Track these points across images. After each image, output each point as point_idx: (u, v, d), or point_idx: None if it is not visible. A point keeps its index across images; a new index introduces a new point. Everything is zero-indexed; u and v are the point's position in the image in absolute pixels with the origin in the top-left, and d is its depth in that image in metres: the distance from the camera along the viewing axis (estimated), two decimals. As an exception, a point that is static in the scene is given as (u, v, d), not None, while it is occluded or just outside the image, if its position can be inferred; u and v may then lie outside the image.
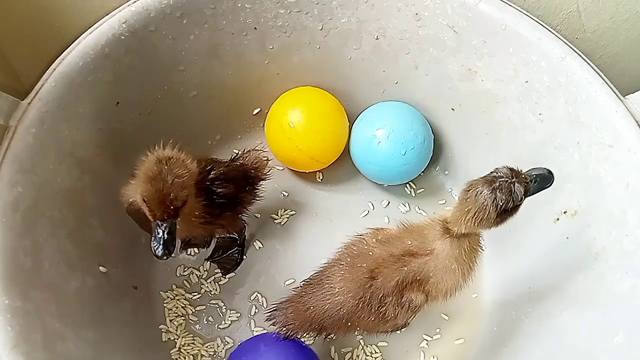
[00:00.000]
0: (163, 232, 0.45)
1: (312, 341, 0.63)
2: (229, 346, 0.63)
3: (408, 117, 0.67)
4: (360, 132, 0.68)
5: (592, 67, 0.54)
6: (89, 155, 0.57)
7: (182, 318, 0.64)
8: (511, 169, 0.46)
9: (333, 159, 0.70)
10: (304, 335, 0.55)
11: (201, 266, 0.67)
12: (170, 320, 0.64)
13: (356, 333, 0.63)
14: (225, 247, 0.67)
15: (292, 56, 0.68)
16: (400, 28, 0.63)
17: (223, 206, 0.56)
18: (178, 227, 0.47)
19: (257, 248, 0.68)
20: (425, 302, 0.51)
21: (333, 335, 0.54)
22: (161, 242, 0.45)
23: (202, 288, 0.66)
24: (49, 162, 0.53)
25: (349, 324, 0.52)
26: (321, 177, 0.73)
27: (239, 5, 0.61)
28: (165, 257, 0.45)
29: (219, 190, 0.56)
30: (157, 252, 0.45)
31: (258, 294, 0.65)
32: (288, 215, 0.70)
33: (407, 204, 0.72)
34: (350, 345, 0.63)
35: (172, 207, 0.45)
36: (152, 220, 0.46)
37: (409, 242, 0.50)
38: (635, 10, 0.58)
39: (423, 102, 0.69)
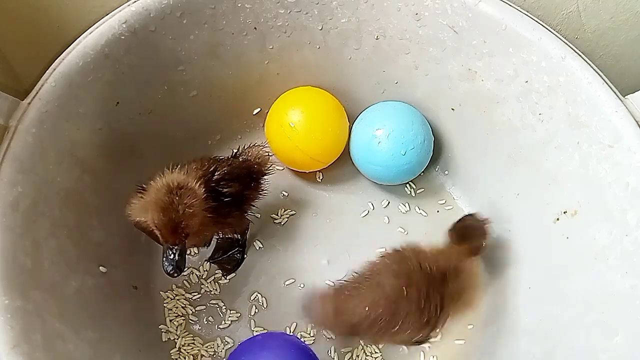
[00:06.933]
0: (174, 254, 0.48)
1: (312, 341, 0.63)
2: (229, 346, 0.63)
3: (408, 117, 0.67)
4: (360, 132, 0.68)
5: (592, 67, 0.54)
6: (89, 155, 0.57)
7: (182, 318, 0.64)
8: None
9: (333, 159, 0.70)
10: (337, 336, 0.54)
11: (201, 266, 0.67)
12: (170, 320, 0.64)
13: (384, 342, 0.62)
14: (225, 248, 0.67)
15: (292, 56, 0.68)
16: (400, 28, 0.63)
17: (230, 205, 0.56)
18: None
19: (258, 248, 0.68)
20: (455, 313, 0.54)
21: (369, 339, 0.54)
22: (173, 264, 0.48)
23: (202, 288, 0.66)
24: (49, 162, 0.53)
25: (386, 325, 0.51)
26: (321, 177, 0.73)
27: (239, 5, 0.61)
28: (176, 275, 0.48)
29: (225, 190, 0.56)
30: (168, 271, 0.48)
31: (258, 294, 0.65)
32: (288, 215, 0.70)
33: (407, 204, 0.72)
34: (350, 345, 0.63)
35: (184, 234, 0.48)
36: (163, 243, 0.48)
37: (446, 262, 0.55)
38: (635, 10, 0.58)
39: (423, 102, 0.69)
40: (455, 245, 0.58)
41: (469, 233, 0.58)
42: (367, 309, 0.50)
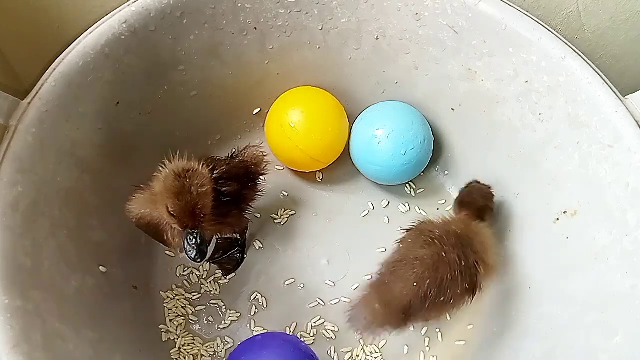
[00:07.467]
0: (196, 238, 0.48)
1: (312, 341, 0.63)
2: (229, 346, 0.63)
3: (408, 117, 0.67)
4: (360, 132, 0.68)
5: (592, 67, 0.54)
6: (89, 155, 0.57)
7: (182, 318, 0.64)
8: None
9: (333, 159, 0.70)
10: (390, 330, 0.52)
11: (201, 266, 0.67)
12: (170, 320, 0.64)
13: (433, 318, 0.61)
14: (225, 248, 0.67)
15: (292, 56, 0.68)
16: (400, 28, 0.63)
17: (229, 205, 0.57)
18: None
19: (257, 248, 0.68)
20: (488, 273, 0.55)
21: (421, 319, 0.53)
22: (196, 248, 0.48)
23: (202, 288, 0.66)
24: (49, 162, 0.53)
25: (435, 297, 0.51)
26: (321, 177, 0.73)
27: (239, 5, 0.61)
28: (199, 261, 0.49)
29: (224, 189, 0.56)
30: (193, 256, 0.48)
31: (258, 294, 0.65)
32: (288, 215, 0.70)
33: (407, 204, 0.72)
34: (350, 345, 0.63)
35: (202, 215, 0.48)
36: (182, 229, 0.49)
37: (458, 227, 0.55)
38: (635, 10, 0.58)
39: (423, 102, 0.69)
40: (462, 213, 0.59)
41: (475, 198, 0.60)
42: (415, 284, 0.50)
